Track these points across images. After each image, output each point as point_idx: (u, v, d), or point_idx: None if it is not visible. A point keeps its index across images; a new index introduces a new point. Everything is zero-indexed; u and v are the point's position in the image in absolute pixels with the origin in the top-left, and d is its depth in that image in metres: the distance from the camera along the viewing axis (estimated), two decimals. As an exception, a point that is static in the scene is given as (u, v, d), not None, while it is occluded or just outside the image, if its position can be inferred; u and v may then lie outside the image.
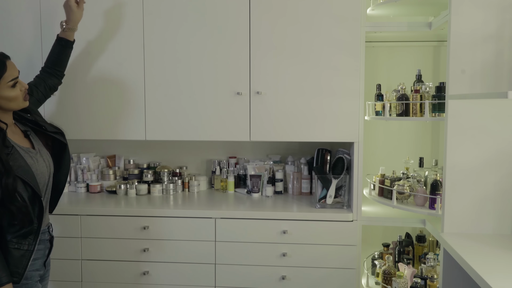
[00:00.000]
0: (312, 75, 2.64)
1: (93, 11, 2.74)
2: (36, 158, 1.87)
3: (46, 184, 1.91)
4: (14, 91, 1.81)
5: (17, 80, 1.84)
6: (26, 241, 1.81)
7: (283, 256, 2.63)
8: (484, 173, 2.18)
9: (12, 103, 1.83)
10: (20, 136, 1.90)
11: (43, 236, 1.94)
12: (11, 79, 1.80)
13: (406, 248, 2.82)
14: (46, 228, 1.97)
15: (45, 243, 1.96)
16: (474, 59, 2.14)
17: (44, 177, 1.88)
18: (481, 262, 1.81)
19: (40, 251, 1.93)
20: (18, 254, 1.80)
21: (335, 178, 2.75)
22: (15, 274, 1.79)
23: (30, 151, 1.87)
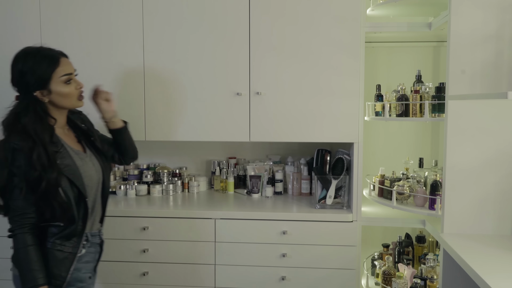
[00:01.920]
0: (312, 75, 2.64)
1: (93, 10, 2.75)
2: (85, 160, 1.88)
3: (94, 188, 1.89)
4: (67, 87, 1.82)
5: (72, 77, 1.84)
6: (70, 243, 1.81)
7: (283, 256, 2.63)
8: (484, 174, 2.18)
9: (65, 100, 1.83)
10: (72, 139, 1.92)
11: (94, 239, 1.93)
12: (64, 74, 1.80)
13: (406, 249, 2.82)
14: (97, 232, 1.96)
15: (95, 247, 1.95)
16: (474, 59, 2.14)
17: (92, 180, 1.87)
18: (481, 262, 1.81)
19: (91, 254, 1.92)
20: (61, 256, 1.79)
21: (335, 178, 2.75)
22: (58, 277, 1.78)
23: (80, 153, 1.89)
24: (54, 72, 1.79)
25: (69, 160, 1.81)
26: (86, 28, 2.76)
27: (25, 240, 1.72)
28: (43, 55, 1.79)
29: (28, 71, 1.77)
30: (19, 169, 1.70)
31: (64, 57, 1.85)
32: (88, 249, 1.90)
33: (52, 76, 1.78)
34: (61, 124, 1.90)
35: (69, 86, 1.83)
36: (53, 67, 1.78)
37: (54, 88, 1.79)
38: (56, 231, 1.78)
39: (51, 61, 1.79)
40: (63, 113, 1.90)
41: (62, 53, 1.86)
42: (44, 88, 1.78)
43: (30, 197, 1.72)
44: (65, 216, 1.77)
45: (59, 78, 1.80)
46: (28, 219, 1.73)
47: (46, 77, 1.78)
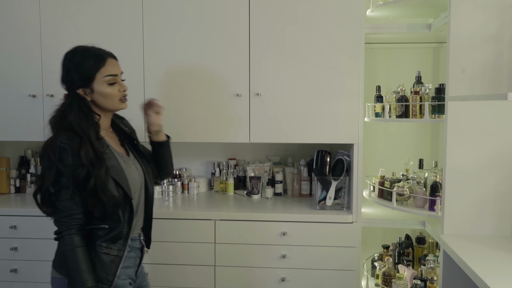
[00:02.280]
0: (312, 76, 2.64)
1: (93, 10, 2.75)
2: (129, 163, 1.87)
3: (137, 191, 1.88)
4: (110, 88, 1.81)
5: (116, 79, 1.83)
6: (116, 246, 1.79)
7: (283, 258, 2.63)
8: (484, 175, 2.18)
9: (107, 101, 1.82)
10: (116, 142, 1.92)
11: (135, 243, 1.90)
12: (107, 74, 1.80)
13: (406, 250, 2.82)
14: (137, 236, 1.92)
15: (136, 252, 1.92)
16: (474, 60, 2.15)
17: (135, 183, 1.86)
18: (481, 263, 1.81)
19: (131, 259, 1.89)
20: (107, 259, 1.77)
21: (335, 179, 2.75)
22: (104, 280, 1.75)
23: (124, 156, 1.88)
24: (98, 72, 1.79)
25: (114, 161, 1.80)
26: (86, 28, 2.76)
27: (73, 242, 1.69)
28: (90, 54, 1.80)
29: (74, 68, 1.78)
30: (67, 168, 1.68)
31: (111, 58, 1.85)
32: (127, 254, 1.85)
33: (96, 75, 1.78)
34: (105, 126, 1.89)
35: (112, 87, 1.82)
36: (97, 66, 1.79)
37: (97, 87, 1.79)
38: (102, 234, 1.76)
39: (97, 60, 1.79)
40: (107, 115, 1.89)
41: (111, 54, 1.87)
42: (87, 86, 1.79)
43: (78, 198, 1.71)
44: (115, 212, 1.75)
45: (102, 78, 1.79)
46: (75, 220, 1.71)
47: (90, 76, 1.78)
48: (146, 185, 1.93)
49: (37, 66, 2.81)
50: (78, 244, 1.70)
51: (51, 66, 2.80)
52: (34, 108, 2.83)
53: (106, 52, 1.85)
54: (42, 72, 2.81)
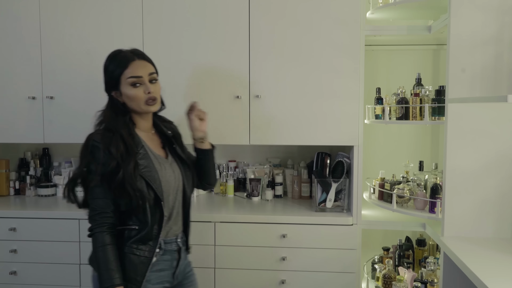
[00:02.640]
0: (312, 78, 2.65)
1: (93, 12, 2.75)
2: (165, 166, 1.88)
3: (171, 194, 1.88)
4: (133, 90, 1.83)
5: (139, 81, 1.84)
6: (146, 248, 1.80)
7: (283, 260, 2.63)
8: (484, 177, 2.18)
9: (132, 103, 1.85)
10: (156, 144, 1.94)
11: (169, 246, 1.90)
12: (130, 76, 1.82)
13: (406, 252, 2.82)
14: (174, 239, 1.92)
15: (172, 254, 1.91)
16: (474, 62, 2.15)
17: (169, 185, 1.87)
18: (481, 266, 1.81)
19: (166, 262, 1.89)
20: (137, 260, 1.79)
21: (335, 181, 2.75)
22: (133, 280, 1.78)
23: (161, 158, 1.89)
24: (122, 74, 1.83)
25: (148, 161, 1.82)
26: (86, 30, 2.77)
27: (104, 239, 1.74)
28: (118, 56, 1.86)
29: (105, 71, 1.87)
30: (99, 166, 1.74)
31: (139, 60, 1.87)
32: (160, 257, 1.86)
33: (120, 78, 1.83)
34: (145, 127, 1.93)
35: (135, 89, 1.83)
36: (121, 69, 1.83)
37: (123, 89, 1.84)
38: (132, 235, 1.79)
39: (120, 63, 1.84)
40: (143, 117, 1.92)
41: (139, 55, 1.89)
42: (117, 88, 1.85)
43: (109, 197, 1.76)
44: (141, 207, 1.77)
45: (125, 80, 1.83)
46: (106, 219, 1.76)
47: (116, 79, 1.84)
48: (184, 189, 1.94)
49: (37, 68, 2.81)
50: (108, 242, 1.74)
51: (51, 68, 2.81)
52: (33, 110, 2.84)
53: (136, 54, 1.88)
54: (42, 74, 2.81)
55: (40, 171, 3.32)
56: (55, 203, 2.96)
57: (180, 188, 1.92)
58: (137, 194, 1.74)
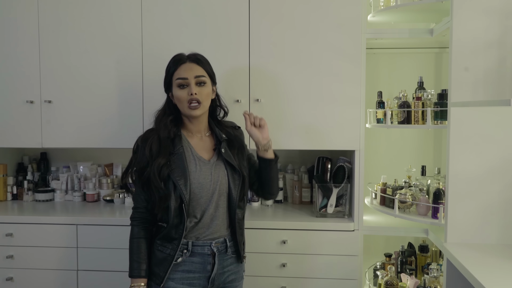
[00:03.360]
0: (312, 82, 2.63)
1: (92, 15, 2.75)
2: (202, 168, 1.91)
3: (204, 197, 1.90)
4: (179, 92, 1.92)
5: (185, 82, 1.91)
6: (170, 245, 1.89)
7: (283, 266, 2.61)
8: (487, 182, 2.16)
9: (180, 105, 1.95)
10: (205, 146, 1.99)
11: (200, 249, 1.91)
12: (177, 78, 1.92)
13: (409, 258, 2.80)
14: (208, 243, 1.92)
15: (203, 258, 1.91)
16: (477, 65, 2.14)
17: (201, 188, 1.89)
18: (485, 272, 1.79)
19: (195, 264, 1.91)
20: (160, 256, 1.90)
21: (336, 186, 2.73)
22: (156, 275, 1.90)
23: (202, 159, 1.93)
24: (173, 75, 1.95)
25: (181, 162, 1.89)
26: (85, 33, 2.76)
27: (133, 232, 1.94)
28: (174, 58, 1.98)
29: (165, 73, 2.00)
30: (137, 164, 1.92)
31: (190, 62, 1.95)
32: (187, 259, 1.90)
33: (172, 79, 1.95)
34: (195, 129, 2.01)
35: (181, 91, 1.92)
36: (172, 70, 1.95)
37: (173, 91, 1.96)
38: (160, 231, 1.91)
39: (173, 64, 1.96)
40: (193, 120, 1.98)
41: (191, 58, 1.96)
42: (170, 90, 1.98)
43: (144, 194, 1.91)
44: (161, 206, 1.86)
45: (175, 81, 1.93)
46: (140, 214, 1.94)
47: (168, 80, 1.98)
48: (229, 194, 1.95)
49: (35, 71, 2.80)
50: (136, 236, 1.93)
51: (49, 71, 2.80)
52: (31, 114, 2.83)
53: (188, 56, 1.97)
54: (40, 77, 2.80)
55: (38, 176, 3.31)
56: (53, 209, 2.95)
57: (221, 192, 1.93)
58: (159, 192, 1.84)
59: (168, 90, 1.99)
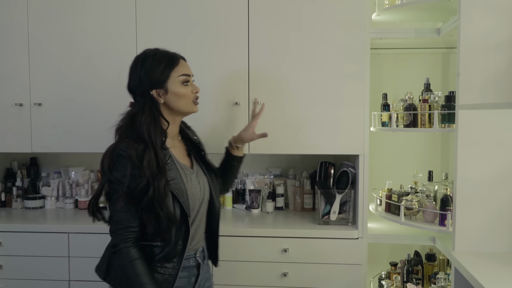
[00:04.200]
0: (314, 83, 2.64)
1: (83, 15, 2.76)
2: (191, 177, 1.88)
3: (196, 208, 1.88)
4: (184, 88, 1.87)
5: (189, 79, 1.90)
6: (170, 265, 1.80)
7: (284, 276, 2.61)
8: (497, 187, 2.17)
9: (181, 102, 1.87)
10: (181, 152, 1.96)
11: (187, 262, 1.88)
12: (182, 74, 1.86)
13: (415, 267, 2.80)
14: (193, 254, 1.90)
15: (189, 270, 1.90)
16: (486, 67, 2.15)
17: (194, 198, 1.86)
18: (495, 282, 1.79)
19: (183, 279, 1.87)
20: (161, 278, 1.79)
21: (339, 193, 2.74)
22: None
23: (187, 168, 1.90)
24: (173, 71, 1.85)
25: (175, 173, 1.81)
26: (76, 34, 2.77)
27: (131, 254, 1.72)
28: (162, 55, 1.87)
29: (147, 69, 1.83)
30: (124, 178, 1.70)
31: (182, 60, 1.92)
32: (180, 274, 1.84)
33: (171, 74, 1.84)
34: (172, 133, 1.93)
35: (186, 88, 1.88)
36: (172, 66, 1.85)
37: (171, 87, 1.84)
38: (156, 252, 1.78)
39: (170, 60, 1.86)
40: (176, 121, 1.94)
41: (181, 56, 1.93)
42: (161, 87, 1.83)
43: (134, 210, 1.72)
44: (169, 230, 1.75)
45: (177, 77, 1.86)
46: (131, 233, 1.74)
47: (165, 76, 1.84)
48: (212, 200, 1.95)
49: (24, 73, 2.81)
50: (136, 257, 1.72)
51: (39, 72, 2.80)
52: (20, 117, 2.83)
53: (176, 53, 1.92)
54: (30, 79, 2.81)
55: (28, 182, 3.31)
56: (43, 216, 2.95)
57: (205, 200, 1.93)
58: (166, 215, 1.72)
59: (155, 87, 1.82)
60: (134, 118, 1.79)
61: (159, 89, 1.83)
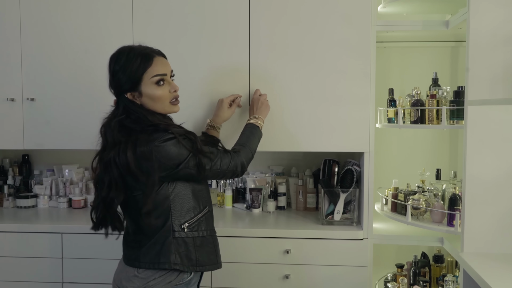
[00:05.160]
0: (318, 79, 2.64)
1: (76, 6, 2.76)
2: None
3: None
4: (159, 90, 1.87)
5: (164, 78, 1.88)
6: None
7: (286, 278, 2.62)
8: (508, 186, 2.17)
9: (156, 104, 1.89)
10: None
11: None
12: (155, 75, 1.85)
13: (422, 269, 2.81)
14: None
15: None
16: (496, 61, 2.15)
17: None
18: (505, 285, 1.80)
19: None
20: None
21: (344, 192, 2.75)
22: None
23: None
24: (145, 72, 1.84)
25: None
26: (70, 28, 2.77)
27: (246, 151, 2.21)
28: (136, 54, 1.85)
29: (119, 70, 1.85)
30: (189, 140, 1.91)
31: (159, 56, 1.90)
32: None
33: (143, 76, 1.84)
34: None
35: (161, 88, 1.88)
36: (144, 67, 1.84)
37: (145, 89, 1.86)
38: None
39: (143, 59, 1.85)
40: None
41: (159, 52, 1.92)
42: (135, 89, 1.85)
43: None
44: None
45: (149, 79, 1.85)
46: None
47: (137, 78, 1.84)
48: None
49: (16, 66, 2.81)
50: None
51: (32, 66, 2.80)
52: (12, 113, 2.83)
53: (153, 50, 1.91)
54: (22, 73, 2.81)
55: (20, 180, 3.32)
56: (36, 216, 2.96)
57: None
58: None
59: (130, 90, 1.87)
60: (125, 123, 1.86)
61: (134, 91, 1.86)
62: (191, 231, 1.95)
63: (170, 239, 1.90)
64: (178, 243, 1.91)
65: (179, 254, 1.90)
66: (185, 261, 1.91)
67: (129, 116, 1.86)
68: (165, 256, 1.89)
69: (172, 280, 1.92)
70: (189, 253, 1.93)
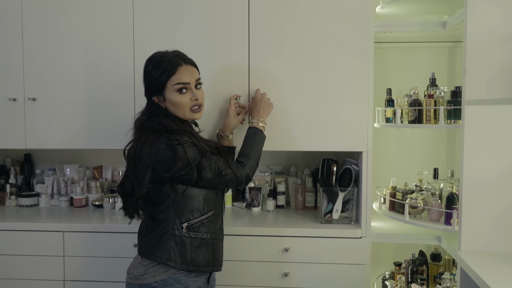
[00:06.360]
0: (316, 79, 2.64)
1: (77, 6, 2.75)
2: None
3: None
4: (180, 97, 1.97)
5: (187, 86, 1.97)
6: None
7: (285, 276, 2.62)
8: (505, 185, 2.17)
9: (178, 110, 2.00)
10: None
11: None
12: (177, 83, 1.95)
13: (420, 268, 2.81)
14: None
15: None
16: (493, 61, 2.15)
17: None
18: (502, 283, 1.80)
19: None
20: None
21: (342, 191, 2.74)
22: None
23: None
24: (169, 80, 1.96)
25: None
26: (71, 27, 2.76)
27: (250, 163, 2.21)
28: (164, 61, 1.97)
29: (148, 75, 2.00)
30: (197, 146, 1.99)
31: (186, 65, 2.00)
32: None
33: (167, 83, 1.96)
34: None
35: (182, 96, 1.97)
36: (168, 75, 1.95)
37: (168, 95, 1.97)
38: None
39: (168, 68, 1.96)
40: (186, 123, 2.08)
41: (186, 60, 2.01)
42: (160, 94, 1.99)
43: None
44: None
45: (172, 86, 1.96)
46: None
47: (161, 84, 1.97)
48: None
49: (18, 66, 2.81)
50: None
51: (34, 66, 2.80)
52: (14, 113, 2.83)
53: (182, 58, 2.01)
54: (24, 73, 2.81)
55: (22, 179, 3.32)
56: (38, 214, 2.96)
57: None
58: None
59: (155, 94, 2.01)
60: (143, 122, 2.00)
61: (159, 96, 1.99)
62: (190, 231, 1.99)
63: (168, 235, 1.97)
64: (175, 241, 1.97)
65: (173, 251, 1.96)
66: (178, 259, 1.97)
67: (151, 117, 2.00)
68: (159, 250, 1.97)
69: (169, 268, 1.98)
70: (184, 252, 1.98)
